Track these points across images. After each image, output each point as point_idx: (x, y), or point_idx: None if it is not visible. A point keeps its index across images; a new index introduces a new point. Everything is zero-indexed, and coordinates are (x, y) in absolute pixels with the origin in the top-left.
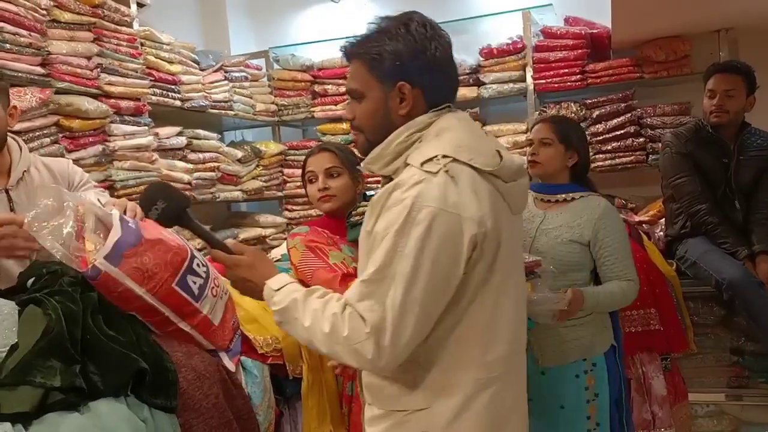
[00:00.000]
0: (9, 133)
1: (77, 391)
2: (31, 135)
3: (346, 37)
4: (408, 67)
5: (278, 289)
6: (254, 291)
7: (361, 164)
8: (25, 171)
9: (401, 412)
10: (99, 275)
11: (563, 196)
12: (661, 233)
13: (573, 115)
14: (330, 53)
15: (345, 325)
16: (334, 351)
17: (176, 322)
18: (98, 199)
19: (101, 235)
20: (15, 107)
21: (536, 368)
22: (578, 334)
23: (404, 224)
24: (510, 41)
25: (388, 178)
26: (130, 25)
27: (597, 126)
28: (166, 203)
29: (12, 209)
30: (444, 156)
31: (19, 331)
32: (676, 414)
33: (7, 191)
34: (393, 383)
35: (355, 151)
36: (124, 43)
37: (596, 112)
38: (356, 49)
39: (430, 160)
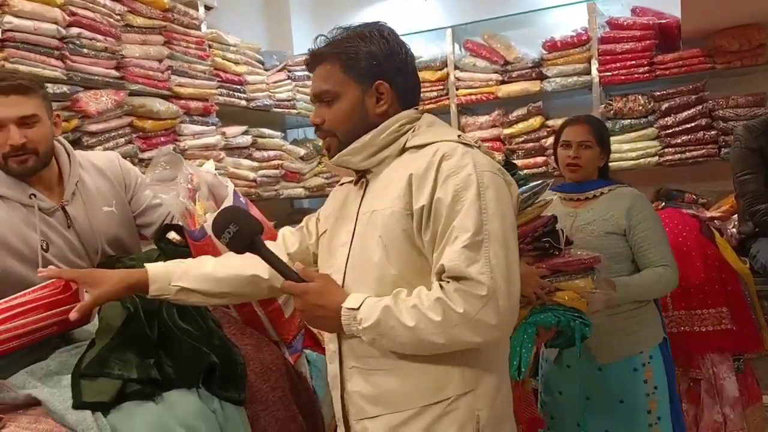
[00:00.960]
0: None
1: (152, 383)
2: (106, 135)
3: (407, 34)
4: (384, 67)
5: (359, 307)
6: (326, 318)
7: (333, 159)
8: (77, 181)
9: (443, 402)
10: (204, 237)
11: (593, 192)
12: (734, 229)
13: (641, 107)
14: None
15: (457, 302)
16: (452, 335)
17: (253, 303)
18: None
19: (212, 203)
20: (58, 115)
21: (593, 365)
22: (633, 327)
23: (478, 188)
24: (574, 33)
25: (359, 174)
26: (198, 28)
27: (666, 119)
28: (238, 227)
29: (70, 226)
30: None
31: (99, 324)
32: (749, 417)
33: (63, 208)
34: (433, 373)
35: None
36: (193, 46)
37: (665, 105)
38: (329, 49)
39: (458, 137)
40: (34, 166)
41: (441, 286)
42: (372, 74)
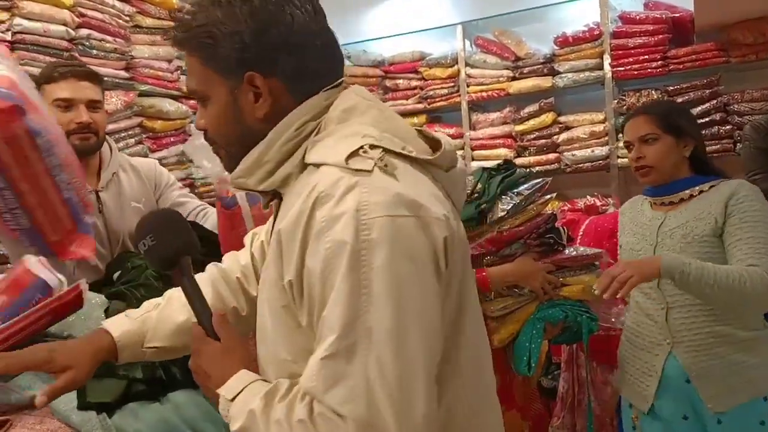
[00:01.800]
0: None
1: (158, 383)
2: (117, 136)
3: (417, 31)
4: (254, 50)
5: (233, 399)
6: (210, 392)
7: (231, 181)
8: (114, 173)
9: None
10: (234, 206)
11: (688, 192)
12: None
13: None
14: (401, 48)
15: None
16: None
17: None
18: None
19: None
20: (107, 110)
21: (711, 416)
22: (745, 360)
23: (355, 253)
24: (586, 28)
25: (272, 195)
26: None
27: None
28: (155, 241)
29: (101, 211)
30: (372, 146)
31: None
32: None
33: (97, 193)
34: None
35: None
36: None
37: (679, 100)
38: (181, 33)
39: (354, 154)
40: (95, 145)
41: (310, 401)
42: (239, 63)
